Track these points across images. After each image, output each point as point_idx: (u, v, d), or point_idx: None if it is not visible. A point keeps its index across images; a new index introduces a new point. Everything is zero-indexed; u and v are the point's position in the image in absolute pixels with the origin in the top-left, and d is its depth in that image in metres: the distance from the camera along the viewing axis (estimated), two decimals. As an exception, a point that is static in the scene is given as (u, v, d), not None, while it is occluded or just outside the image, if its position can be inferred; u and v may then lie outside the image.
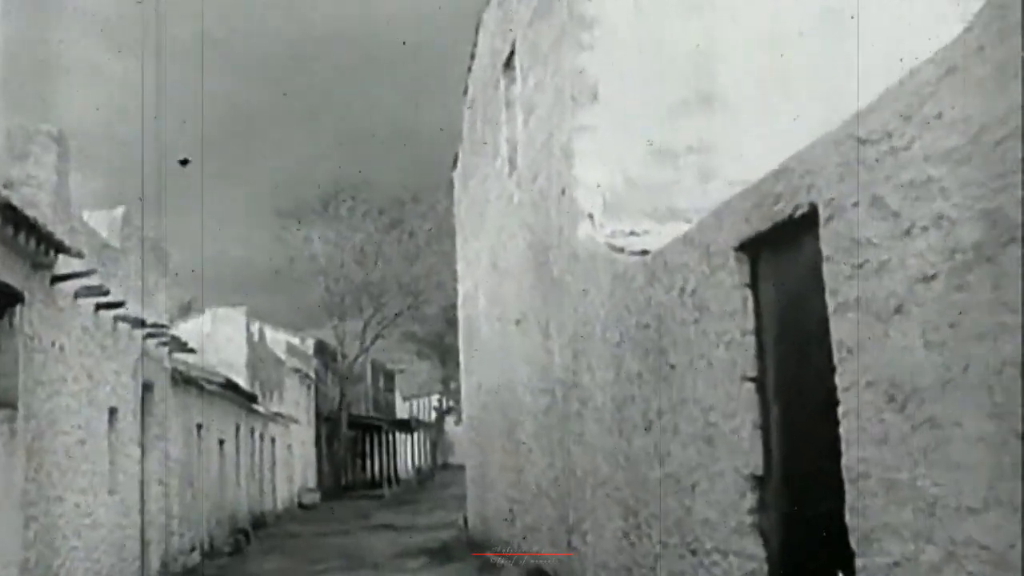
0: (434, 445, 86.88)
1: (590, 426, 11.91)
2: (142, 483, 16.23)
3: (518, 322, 16.41)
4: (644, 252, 10.67)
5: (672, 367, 8.95)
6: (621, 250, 11.27)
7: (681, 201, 12.59)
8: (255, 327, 34.26)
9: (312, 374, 48.31)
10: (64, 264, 12.04)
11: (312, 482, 47.19)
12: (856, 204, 5.66)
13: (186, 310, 46.26)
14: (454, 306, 57.80)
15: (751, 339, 7.51)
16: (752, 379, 7.49)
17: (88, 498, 13.22)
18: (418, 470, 75.62)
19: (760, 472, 7.43)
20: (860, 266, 5.63)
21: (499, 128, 18.13)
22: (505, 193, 17.53)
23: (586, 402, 12.08)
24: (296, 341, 46.41)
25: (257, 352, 33.70)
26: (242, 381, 29.78)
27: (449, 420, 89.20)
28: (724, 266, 7.82)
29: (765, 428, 7.43)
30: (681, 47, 12.91)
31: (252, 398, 29.94)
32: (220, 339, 31.00)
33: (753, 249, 7.54)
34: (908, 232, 5.19)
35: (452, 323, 66.84)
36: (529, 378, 15.63)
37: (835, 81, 11.76)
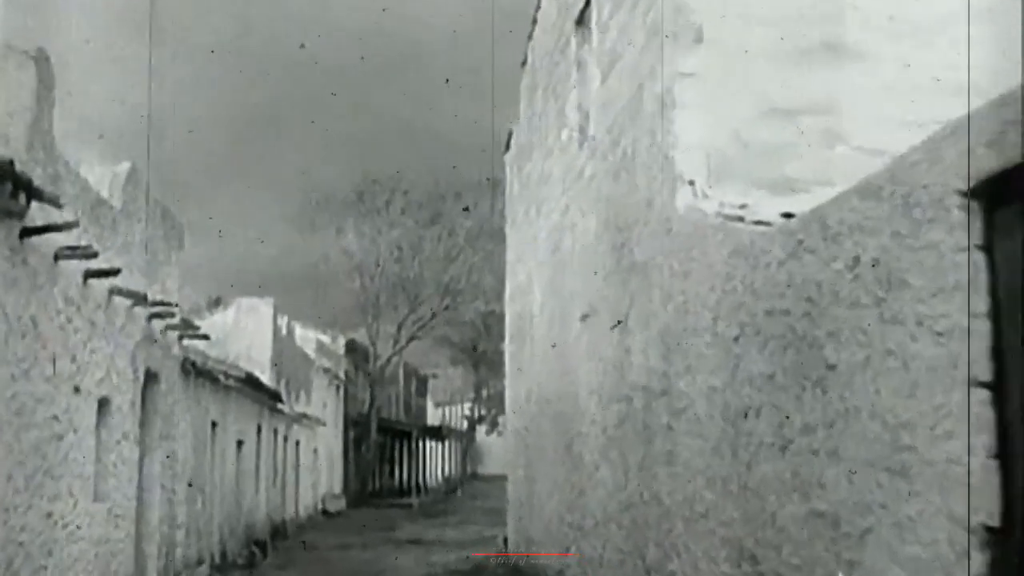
0: (464, 454, 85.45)
1: (686, 443, 9.53)
2: (140, 488, 13.88)
3: (585, 317, 14.07)
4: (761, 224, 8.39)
5: (831, 367, 6.52)
6: (740, 219, 8.88)
7: (799, 169, 10.27)
8: (283, 321, 31.98)
9: (342, 375, 46.16)
10: (42, 216, 9.73)
11: (338, 488, 45.12)
12: None
13: (214, 304, 44.18)
14: (491, 312, 56.52)
15: (985, 327, 5.07)
16: (985, 385, 5.05)
17: (64, 506, 10.89)
18: (447, 479, 74.00)
19: (995, 521, 4.99)
20: None
21: (567, 95, 16.01)
22: (573, 168, 15.30)
23: (680, 413, 9.70)
24: (327, 339, 44.23)
25: (284, 348, 31.44)
26: (266, 378, 27.52)
27: (480, 429, 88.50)
28: (940, 220, 5.36)
29: (1005, 457, 5.00)
30: (804, -19, 10.65)
31: (276, 396, 27.66)
32: (244, 331, 28.78)
33: (990, 195, 5.11)
34: None
35: (488, 329, 65.52)
36: (597, 383, 13.32)
37: (983, 35, 9.71)
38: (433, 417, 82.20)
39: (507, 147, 22.96)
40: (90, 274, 11.24)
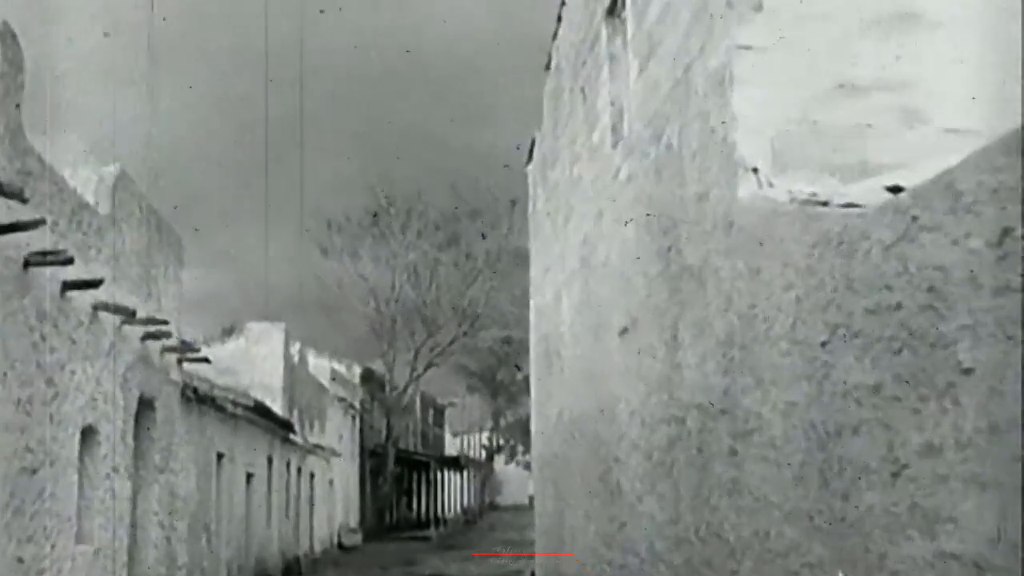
0: (483, 484, 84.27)
1: (755, 469, 8.17)
2: (133, 527, 12.53)
3: (624, 331, 12.74)
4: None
5: (966, 371, 5.19)
6: (824, 203, 7.55)
7: (876, 152, 8.95)
8: (295, 348, 30.66)
9: (357, 404, 44.84)
10: (9, 216, 8.43)
11: (354, 521, 43.78)
12: None
13: (227, 332, 43.06)
14: (508, 339, 55.27)
15: None
16: None
17: (39, 549, 9.56)
18: (466, 510, 72.78)
19: None
20: None
21: (597, 93, 14.73)
22: (606, 170, 14.01)
23: (748, 434, 8.35)
24: (341, 368, 42.92)
25: (296, 375, 30.11)
26: (277, 407, 26.19)
27: (499, 458, 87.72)
28: None
29: None
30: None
31: (288, 426, 26.32)
32: (254, 358, 27.44)
33: None
34: None
35: (506, 356, 64.32)
36: (639, 404, 11.98)
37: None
38: (451, 447, 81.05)
39: (529, 158, 21.74)
40: (69, 285, 9.93)
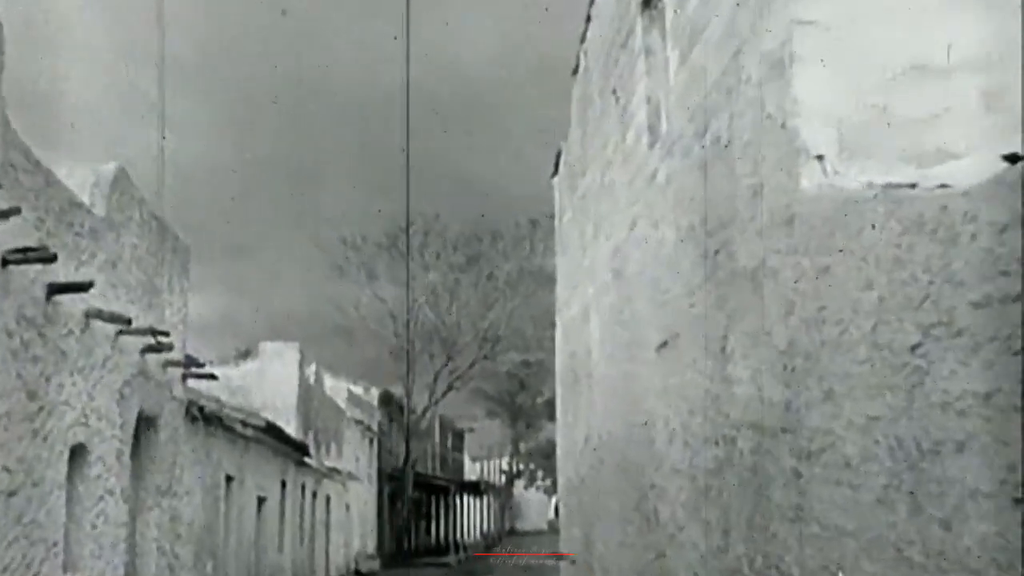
0: (503, 509, 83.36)
1: (825, 494, 7.18)
2: (132, 553, 11.58)
3: (663, 346, 11.78)
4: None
5: None
6: (912, 186, 6.58)
7: (954, 137, 7.99)
8: (311, 369, 29.72)
9: (375, 427, 43.90)
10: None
11: (371, 547, 42.81)
12: None
13: (243, 355, 42.32)
14: (527, 363, 54.31)
15: None
16: None
17: (19, 581, 8.56)
18: (485, 536, 71.90)
19: None
20: None
21: (632, 91, 13.81)
22: (642, 174, 13.09)
23: (815, 455, 7.36)
24: (359, 390, 42.00)
25: (311, 397, 29.17)
26: (291, 429, 25.25)
27: (518, 484, 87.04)
28: None
29: None
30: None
31: (302, 448, 25.38)
32: (268, 379, 26.51)
33: None
34: None
35: (526, 381, 63.40)
36: (680, 424, 11.02)
37: None
38: (470, 472, 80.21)
39: (555, 169, 20.84)
40: (56, 289, 8.99)
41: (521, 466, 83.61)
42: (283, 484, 23.78)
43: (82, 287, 9.37)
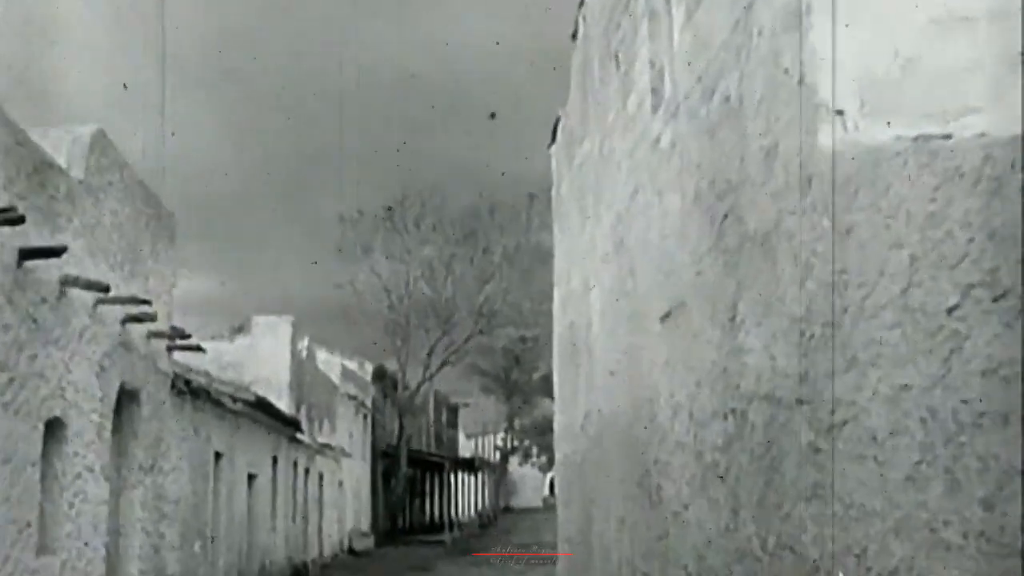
0: (497, 487, 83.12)
1: (847, 470, 6.72)
2: (115, 533, 11.11)
3: (667, 316, 11.33)
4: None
5: None
6: (947, 136, 6.11)
7: (981, 93, 7.51)
8: (303, 343, 29.25)
9: (369, 403, 43.45)
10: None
11: (365, 525, 42.44)
12: None
13: (237, 331, 41.89)
14: (524, 338, 53.89)
15: None
16: None
17: (-11, 562, 8.10)
18: (480, 513, 71.60)
19: None
20: None
21: (634, 55, 13.33)
22: (645, 140, 12.64)
23: (836, 428, 6.90)
24: (353, 365, 41.53)
25: (304, 372, 28.71)
26: (283, 404, 24.79)
27: (513, 460, 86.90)
28: None
29: None
30: None
31: (294, 424, 24.94)
32: (260, 354, 26.04)
33: None
34: None
35: (521, 357, 63.02)
36: (686, 398, 10.58)
37: None
38: (465, 448, 79.90)
39: (553, 138, 20.34)
40: (27, 254, 8.49)
41: (516, 443, 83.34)
42: (275, 461, 23.33)
43: (55, 252, 8.87)
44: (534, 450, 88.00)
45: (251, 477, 20.56)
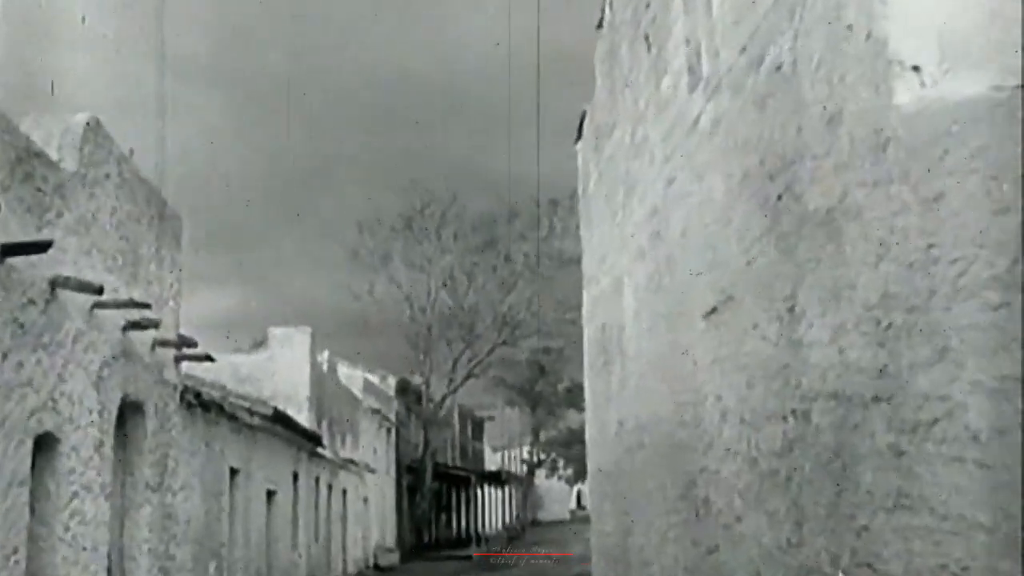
0: (524, 500, 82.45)
1: (938, 475, 5.85)
2: (118, 556, 10.26)
3: (712, 311, 10.45)
4: None
5: None
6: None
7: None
8: (324, 356, 28.44)
9: (393, 417, 42.68)
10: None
11: (390, 540, 41.68)
12: None
13: (257, 345, 41.29)
14: (547, 349, 53.05)
15: None
16: None
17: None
18: (507, 527, 70.90)
19: None
20: None
21: (668, 34, 12.47)
22: (682, 122, 11.78)
23: (923, 427, 6.04)
24: (375, 379, 40.75)
25: (325, 385, 27.88)
26: (303, 418, 23.97)
27: (539, 473, 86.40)
28: None
29: None
30: None
31: (314, 439, 24.10)
32: (279, 366, 25.22)
33: None
34: None
35: (545, 368, 62.23)
36: (736, 399, 9.70)
37: None
38: (491, 462, 79.31)
39: (579, 134, 19.51)
40: (7, 249, 7.65)
41: (542, 455, 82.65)
42: (295, 476, 22.54)
43: (41, 246, 8.02)
44: (560, 462, 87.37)
45: (270, 494, 19.75)
